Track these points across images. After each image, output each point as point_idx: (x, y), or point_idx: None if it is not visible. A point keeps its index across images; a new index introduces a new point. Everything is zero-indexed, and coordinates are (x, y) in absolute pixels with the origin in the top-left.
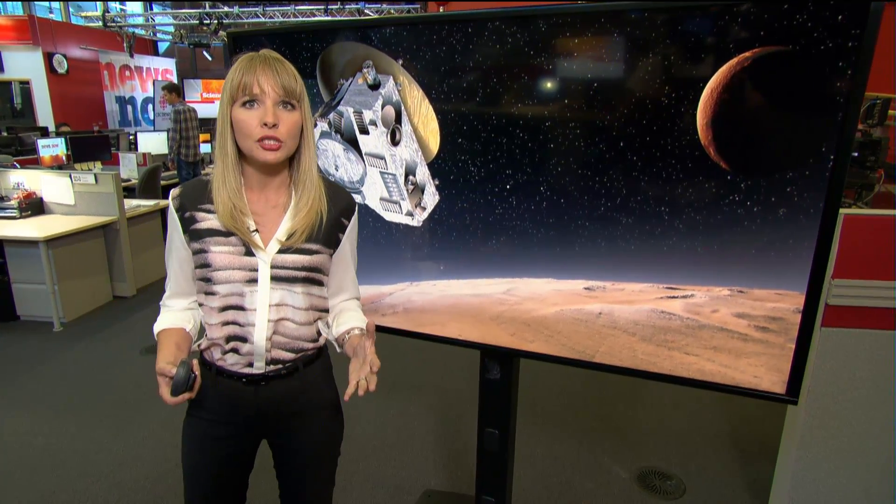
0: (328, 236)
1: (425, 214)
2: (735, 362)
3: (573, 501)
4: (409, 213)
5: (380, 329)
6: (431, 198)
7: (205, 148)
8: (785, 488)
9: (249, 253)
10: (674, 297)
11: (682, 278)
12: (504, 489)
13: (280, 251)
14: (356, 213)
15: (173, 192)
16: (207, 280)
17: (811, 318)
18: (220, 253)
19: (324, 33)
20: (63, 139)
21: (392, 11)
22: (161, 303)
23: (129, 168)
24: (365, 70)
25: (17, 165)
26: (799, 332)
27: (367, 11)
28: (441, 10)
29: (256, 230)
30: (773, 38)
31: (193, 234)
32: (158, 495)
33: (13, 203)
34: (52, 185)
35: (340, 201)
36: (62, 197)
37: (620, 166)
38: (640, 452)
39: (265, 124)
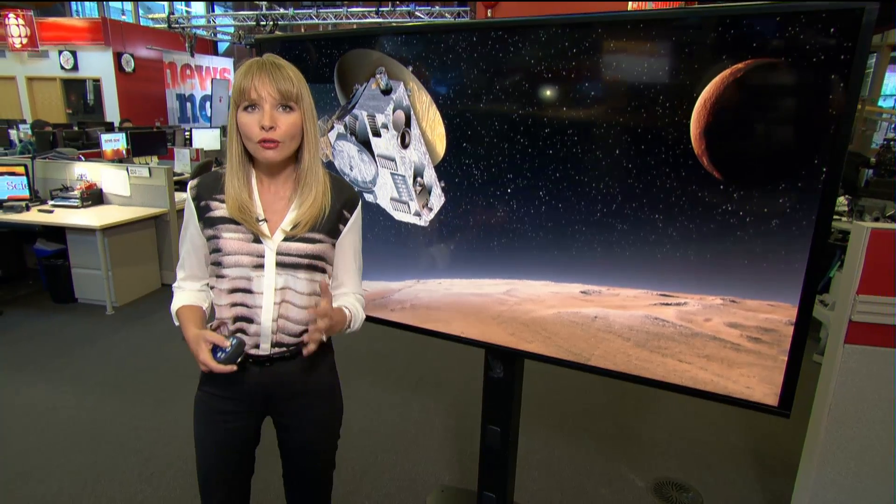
0: (330, 226)
1: (432, 215)
2: (727, 372)
3: None
4: (417, 214)
5: (388, 324)
6: (438, 199)
7: None
8: None
9: (257, 240)
10: (667, 304)
11: (676, 286)
12: (505, 486)
13: (285, 239)
14: (359, 206)
15: (191, 183)
16: (218, 264)
17: (803, 332)
18: (231, 239)
19: (341, 41)
20: (124, 134)
21: (445, 14)
22: (175, 285)
23: (183, 163)
24: (378, 76)
25: (83, 158)
26: (791, 345)
27: (417, 13)
28: (489, 14)
29: (265, 220)
30: (765, 50)
31: (208, 221)
32: (189, 472)
33: (76, 193)
34: (111, 178)
35: (344, 194)
36: (119, 189)
37: (616, 173)
38: (658, 462)
39: (262, 127)
